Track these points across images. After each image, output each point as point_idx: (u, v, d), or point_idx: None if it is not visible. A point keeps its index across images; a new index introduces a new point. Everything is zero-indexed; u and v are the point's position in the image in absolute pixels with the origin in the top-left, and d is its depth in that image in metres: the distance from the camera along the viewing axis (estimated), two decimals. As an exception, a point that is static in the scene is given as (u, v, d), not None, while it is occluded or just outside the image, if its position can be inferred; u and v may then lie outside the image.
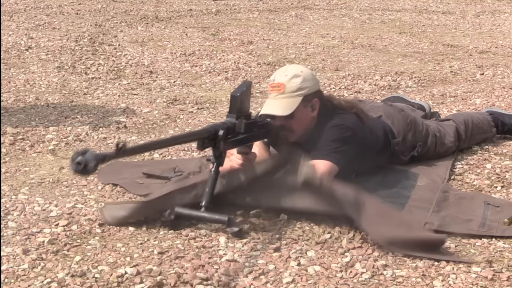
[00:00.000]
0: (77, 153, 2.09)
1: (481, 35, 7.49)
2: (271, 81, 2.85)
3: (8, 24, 7.32)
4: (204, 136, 2.51)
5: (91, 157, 2.08)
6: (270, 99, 2.84)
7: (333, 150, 2.77)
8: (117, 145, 2.16)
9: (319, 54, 6.23)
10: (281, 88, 2.79)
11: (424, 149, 3.27)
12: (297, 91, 2.80)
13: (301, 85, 2.80)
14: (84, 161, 2.07)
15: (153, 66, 5.57)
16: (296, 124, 2.84)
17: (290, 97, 2.79)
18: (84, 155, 2.08)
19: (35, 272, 2.23)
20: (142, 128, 3.95)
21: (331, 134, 2.81)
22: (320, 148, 2.79)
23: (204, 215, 2.53)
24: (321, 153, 2.77)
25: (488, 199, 2.85)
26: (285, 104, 2.79)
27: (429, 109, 3.83)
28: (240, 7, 9.27)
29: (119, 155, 2.21)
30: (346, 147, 2.80)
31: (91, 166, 2.08)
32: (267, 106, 2.83)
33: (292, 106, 2.79)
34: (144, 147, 2.75)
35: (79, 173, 2.10)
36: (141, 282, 2.16)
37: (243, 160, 2.76)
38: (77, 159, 2.08)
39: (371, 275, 2.24)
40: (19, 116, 4.10)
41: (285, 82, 2.80)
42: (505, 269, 2.30)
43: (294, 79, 2.80)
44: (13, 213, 2.68)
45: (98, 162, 2.10)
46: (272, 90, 2.82)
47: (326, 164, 2.74)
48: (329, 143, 2.79)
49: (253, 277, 2.21)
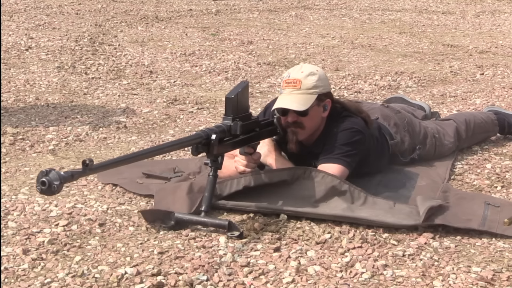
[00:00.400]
0: (41, 172, 2.04)
1: (481, 35, 7.49)
2: (285, 77, 2.81)
3: (8, 24, 7.32)
4: (196, 141, 2.49)
5: (55, 177, 2.03)
6: (284, 94, 2.80)
7: (344, 154, 2.77)
8: (83, 162, 2.10)
9: (319, 54, 6.23)
10: (297, 84, 2.77)
11: (424, 151, 3.27)
12: (312, 88, 2.78)
13: (316, 83, 2.79)
14: (48, 181, 2.02)
15: (153, 66, 5.57)
16: (308, 121, 2.82)
17: (306, 93, 2.77)
18: (48, 175, 2.02)
19: (35, 272, 2.23)
20: (142, 128, 3.95)
21: (342, 137, 2.80)
22: (331, 151, 2.78)
23: (205, 220, 2.53)
24: (332, 156, 2.77)
25: (488, 199, 2.85)
26: (301, 100, 2.76)
27: (429, 110, 3.82)
28: (240, 7, 9.27)
29: (87, 172, 2.13)
30: (357, 151, 2.81)
31: (55, 185, 2.03)
32: (282, 100, 2.79)
33: (308, 103, 2.77)
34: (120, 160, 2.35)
35: (44, 193, 2.04)
36: (141, 282, 2.16)
37: (246, 160, 2.75)
38: (41, 178, 2.02)
39: (371, 275, 2.24)
40: (19, 116, 4.10)
41: (302, 79, 2.78)
42: (505, 269, 2.29)
43: (310, 76, 2.79)
44: (13, 213, 2.68)
45: (63, 182, 2.05)
46: (287, 86, 2.79)
47: (338, 168, 2.75)
48: (340, 147, 2.78)
49: (253, 277, 2.21)
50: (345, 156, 2.77)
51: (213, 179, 2.57)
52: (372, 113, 3.26)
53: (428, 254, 2.39)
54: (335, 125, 2.85)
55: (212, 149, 2.51)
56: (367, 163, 2.93)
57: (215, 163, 2.57)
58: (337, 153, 2.77)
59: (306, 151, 2.89)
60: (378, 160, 3.05)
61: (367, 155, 2.91)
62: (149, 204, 2.81)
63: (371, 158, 2.96)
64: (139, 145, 3.61)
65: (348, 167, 2.77)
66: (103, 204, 2.79)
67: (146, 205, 2.82)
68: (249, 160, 2.75)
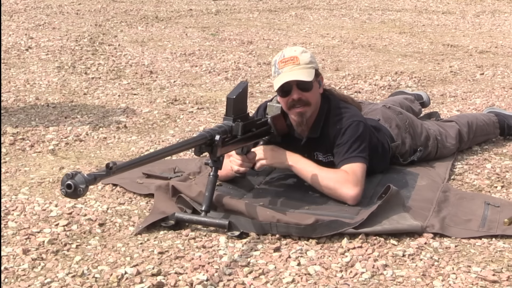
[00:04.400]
0: (67, 175, 1.99)
1: (481, 35, 7.49)
2: (279, 58, 2.80)
3: (8, 24, 7.32)
4: (200, 142, 2.50)
5: (81, 180, 1.99)
6: (285, 72, 2.77)
7: (358, 151, 2.79)
8: (107, 165, 2.08)
9: (319, 54, 6.23)
10: (295, 60, 2.76)
11: (425, 153, 3.28)
12: (309, 63, 2.78)
13: (311, 59, 2.80)
14: (74, 184, 1.97)
15: (153, 66, 5.57)
16: (312, 97, 2.81)
17: (306, 68, 2.77)
18: (74, 178, 1.98)
19: (35, 272, 2.23)
20: (142, 128, 3.95)
21: (349, 133, 2.80)
22: (344, 152, 2.79)
23: (205, 220, 2.53)
24: (351, 155, 2.78)
25: (488, 199, 2.85)
26: (304, 73, 2.76)
27: (427, 97, 3.83)
28: (240, 7, 9.27)
29: (110, 174, 2.10)
30: (366, 142, 2.83)
31: (81, 188, 1.99)
32: (285, 76, 2.76)
33: (311, 75, 2.77)
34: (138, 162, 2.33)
35: (69, 196, 2.00)
36: (141, 282, 2.16)
37: (242, 160, 2.75)
38: (67, 182, 1.98)
39: (371, 275, 2.24)
40: (19, 116, 4.10)
41: (298, 55, 2.77)
42: (505, 269, 2.29)
43: (304, 53, 2.80)
44: (13, 213, 2.68)
45: (88, 185, 2.01)
46: (286, 64, 2.77)
47: (359, 166, 2.76)
48: (352, 144, 2.79)
49: (253, 277, 2.21)
50: (360, 152, 2.79)
51: (214, 179, 2.58)
52: (373, 115, 3.27)
53: (428, 254, 2.39)
54: (335, 117, 2.84)
55: (216, 149, 2.52)
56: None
57: (216, 163, 2.57)
58: (352, 151, 2.79)
59: (302, 141, 2.90)
60: (378, 160, 3.04)
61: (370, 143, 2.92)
62: (149, 204, 2.81)
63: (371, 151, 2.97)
64: (139, 145, 3.61)
65: (366, 162, 2.80)
66: (103, 204, 2.79)
67: (146, 205, 2.82)
68: (244, 159, 2.75)
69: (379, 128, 3.11)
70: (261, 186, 2.95)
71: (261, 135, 2.84)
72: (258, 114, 2.96)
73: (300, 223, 2.48)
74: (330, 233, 2.48)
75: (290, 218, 2.51)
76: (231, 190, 2.84)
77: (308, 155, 2.87)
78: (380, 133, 3.09)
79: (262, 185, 2.96)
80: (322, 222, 2.48)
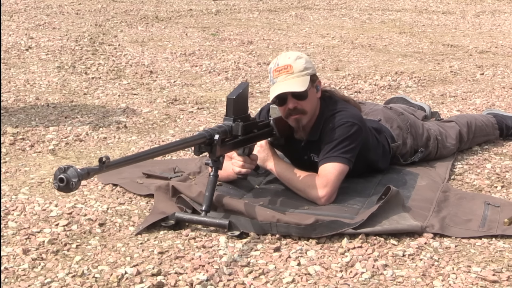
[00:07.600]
0: (59, 169, 2.00)
1: (481, 35, 7.49)
2: (274, 67, 2.80)
3: (8, 24, 7.32)
4: (199, 141, 2.50)
5: (73, 174, 1.99)
6: (279, 82, 2.77)
7: (342, 151, 2.77)
8: (100, 159, 2.08)
9: (319, 54, 6.23)
10: (289, 69, 2.76)
11: (425, 153, 3.27)
12: (304, 70, 2.77)
13: (306, 65, 2.78)
14: (66, 178, 1.99)
15: (153, 66, 5.57)
16: (307, 104, 2.81)
17: (300, 76, 2.76)
18: (66, 172, 1.99)
19: (35, 272, 2.23)
20: (142, 128, 3.95)
21: (339, 133, 2.79)
22: (329, 149, 2.78)
23: (205, 220, 2.53)
24: (331, 155, 2.77)
25: (488, 199, 2.85)
26: (297, 82, 2.75)
27: (429, 110, 3.82)
28: (240, 7, 9.27)
29: (103, 169, 2.11)
30: (355, 143, 2.80)
31: (73, 182, 2.00)
32: (280, 87, 2.76)
33: (305, 84, 2.75)
34: (133, 159, 2.34)
35: (62, 190, 2.01)
36: (141, 282, 2.16)
37: (243, 161, 2.75)
38: (59, 175, 1.99)
39: (371, 275, 2.24)
40: (19, 116, 4.10)
41: (292, 63, 2.77)
42: (505, 269, 2.29)
43: (298, 60, 2.78)
44: (13, 213, 2.68)
45: (81, 179, 2.02)
46: (280, 73, 2.77)
47: (338, 166, 2.75)
48: (338, 144, 2.78)
49: (253, 277, 2.21)
50: (343, 152, 2.77)
51: (214, 179, 2.58)
52: (374, 115, 3.26)
53: (428, 254, 2.39)
54: (330, 116, 2.84)
55: (215, 149, 2.52)
56: (367, 157, 2.93)
57: (216, 163, 2.57)
58: (336, 151, 2.77)
59: (303, 143, 2.90)
60: (379, 161, 3.04)
61: (368, 144, 2.90)
62: (149, 204, 2.81)
63: (372, 153, 2.96)
64: (139, 145, 3.61)
65: (348, 163, 2.77)
66: (103, 204, 2.79)
67: (146, 205, 2.82)
68: (245, 161, 2.75)
69: (379, 129, 3.10)
70: (261, 186, 2.95)
71: (263, 136, 2.84)
72: (260, 116, 2.96)
73: (300, 223, 2.48)
74: (330, 233, 2.48)
75: (290, 218, 2.51)
76: (231, 190, 2.84)
77: (307, 157, 2.88)
78: (381, 134, 3.09)
79: (262, 185, 2.96)
80: (322, 222, 2.48)
